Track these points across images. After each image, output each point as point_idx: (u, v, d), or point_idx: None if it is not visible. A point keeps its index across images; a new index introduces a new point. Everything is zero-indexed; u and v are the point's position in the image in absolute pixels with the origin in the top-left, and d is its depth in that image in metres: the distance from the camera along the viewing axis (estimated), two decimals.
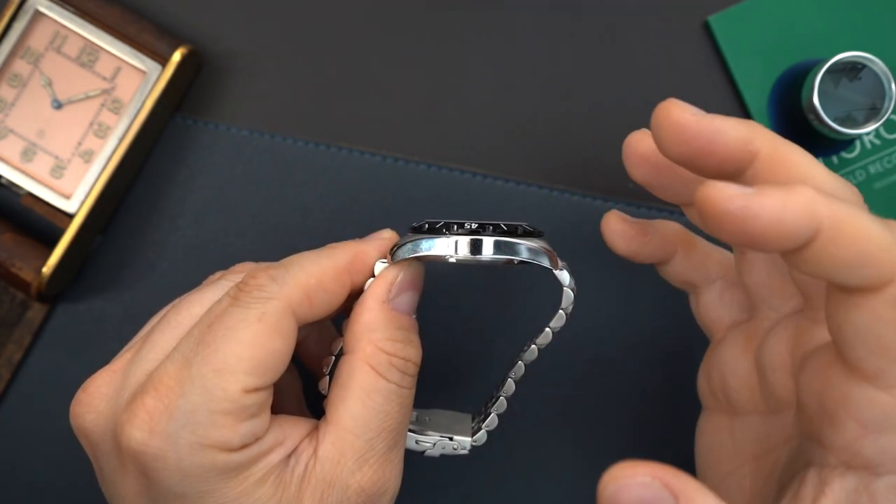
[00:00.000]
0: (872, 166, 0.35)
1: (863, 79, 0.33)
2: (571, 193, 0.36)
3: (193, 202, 0.36)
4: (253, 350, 0.25)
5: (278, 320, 0.26)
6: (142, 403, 0.25)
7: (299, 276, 0.27)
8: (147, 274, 0.36)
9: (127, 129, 0.34)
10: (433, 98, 0.36)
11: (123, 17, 0.35)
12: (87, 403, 0.28)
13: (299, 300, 0.27)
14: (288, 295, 0.26)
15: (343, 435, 0.27)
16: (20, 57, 0.35)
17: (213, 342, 0.25)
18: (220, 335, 0.25)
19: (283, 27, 0.36)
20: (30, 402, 0.36)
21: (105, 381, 0.28)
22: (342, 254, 0.28)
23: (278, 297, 0.26)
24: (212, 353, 0.25)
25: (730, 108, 0.36)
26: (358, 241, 0.29)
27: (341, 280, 0.28)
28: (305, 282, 0.27)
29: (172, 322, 0.28)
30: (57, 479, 0.36)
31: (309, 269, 0.27)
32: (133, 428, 0.25)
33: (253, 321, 0.26)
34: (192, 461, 0.25)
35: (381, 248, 0.29)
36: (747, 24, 0.35)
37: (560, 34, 0.36)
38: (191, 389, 0.25)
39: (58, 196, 0.35)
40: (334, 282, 0.28)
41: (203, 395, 0.25)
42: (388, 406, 0.27)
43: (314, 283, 0.27)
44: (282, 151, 0.36)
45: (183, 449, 0.25)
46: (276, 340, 0.26)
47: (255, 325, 0.26)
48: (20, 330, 0.36)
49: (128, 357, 0.28)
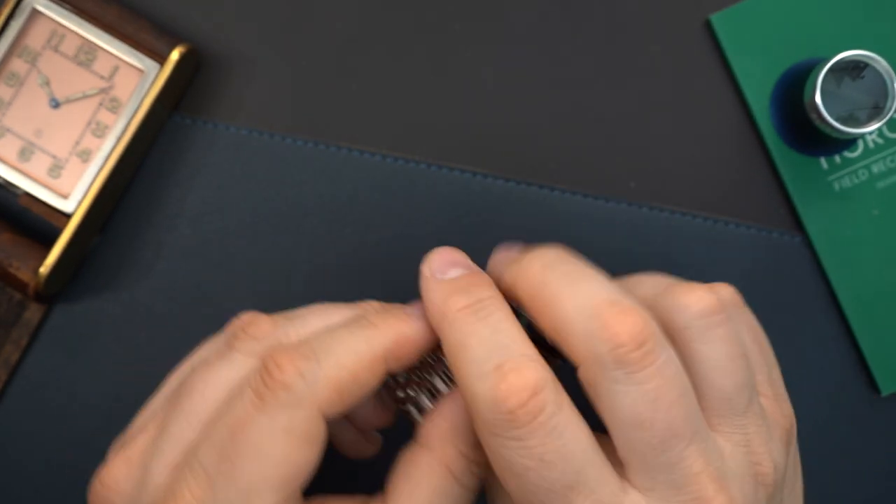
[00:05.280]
0: (875, 166, 0.35)
1: (865, 78, 0.33)
2: (572, 193, 0.36)
3: (192, 202, 0.36)
4: (281, 468, 0.23)
5: (308, 429, 0.24)
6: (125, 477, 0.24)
7: (332, 371, 0.24)
8: (145, 274, 0.36)
9: (125, 128, 0.34)
10: (433, 98, 0.36)
11: (121, 15, 0.35)
12: (109, 492, 0.26)
13: (330, 401, 0.24)
14: (319, 398, 0.24)
15: None
16: (17, 56, 0.35)
17: (236, 457, 0.23)
18: (244, 451, 0.23)
19: (283, 26, 0.36)
20: (27, 403, 0.36)
21: (123, 474, 0.26)
22: (381, 338, 0.25)
23: (308, 402, 0.24)
24: (237, 472, 0.23)
25: (731, 107, 0.36)
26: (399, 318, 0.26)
27: (376, 370, 0.25)
28: (338, 377, 0.24)
29: (187, 408, 0.25)
30: (55, 481, 0.36)
31: (343, 359, 0.24)
32: None
33: (280, 434, 0.23)
34: None
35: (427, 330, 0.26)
36: (749, 22, 0.35)
37: (561, 33, 0.36)
38: None
39: (55, 196, 0.34)
40: (369, 372, 0.25)
41: None
42: None
43: (347, 377, 0.24)
44: (281, 151, 0.36)
45: None
46: (305, 451, 0.24)
47: (282, 438, 0.23)
48: (17, 330, 0.36)
49: (143, 444, 0.26)
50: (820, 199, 0.35)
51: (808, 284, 0.35)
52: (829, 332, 0.35)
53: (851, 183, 0.35)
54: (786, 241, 0.35)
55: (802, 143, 0.35)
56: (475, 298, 0.24)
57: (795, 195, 0.35)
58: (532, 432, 0.22)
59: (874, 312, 0.35)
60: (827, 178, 0.35)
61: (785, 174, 0.35)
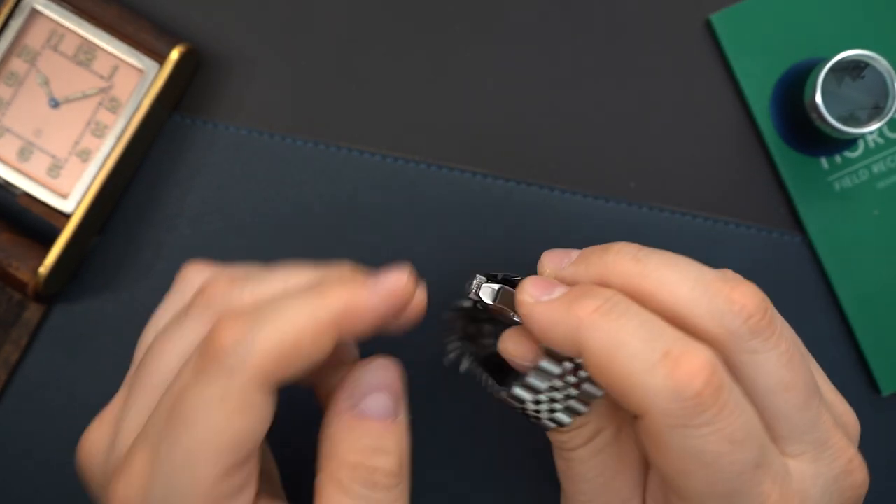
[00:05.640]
0: (876, 165, 0.35)
1: (866, 77, 0.33)
2: (572, 193, 0.36)
3: (192, 202, 0.36)
4: (218, 437, 0.23)
5: (244, 398, 0.23)
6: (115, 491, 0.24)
7: (272, 336, 0.23)
8: (145, 274, 0.36)
9: (124, 128, 0.34)
10: (433, 97, 0.36)
11: (121, 15, 0.35)
12: (87, 454, 0.26)
13: (272, 368, 0.23)
14: (256, 365, 0.23)
15: None
16: (17, 55, 0.35)
17: (176, 427, 0.23)
18: (183, 420, 0.23)
19: (283, 25, 0.36)
20: (27, 403, 0.36)
21: (98, 434, 0.26)
22: (330, 302, 0.24)
23: (242, 372, 0.23)
24: (177, 441, 0.23)
25: (731, 107, 0.36)
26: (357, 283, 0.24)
27: (322, 338, 0.24)
28: (277, 346, 0.23)
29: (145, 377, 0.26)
30: (54, 481, 0.36)
31: (284, 326, 0.23)
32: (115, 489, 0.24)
33: (215, 403, 0.23)
34: None
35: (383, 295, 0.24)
36: (749, 22, 0.35)
37: (561, 33, 0.36)
38: (161, 481, 0.23)
39: (55, 196, 0.34)
40: (313, 341, 0.24)
41: (172, 488, 0.23)
42: None
43: (288, 346, 0.23)
44: (281, 150, 0.36)
45: None
46: (243, 421, 0.23)
47: (217, 407, 0.23)
48: (17, 330, 0.36)
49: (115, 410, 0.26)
50: (820, 199, 0.35)
51: (808, 284, 0.35)
52: (829, 332, 0.35)
53: (852, 183, 0.35)
54: (786, 241, 0.35)
55: (803, 143, 0.35)
56: (602, 298, 0.23)
57: (796, 195, 0.35)
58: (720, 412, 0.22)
59: (874, 312, 0.35)
60: (827, 178, 0.35)
61: (785, 174, 0.35)
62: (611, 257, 0.25)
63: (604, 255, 0.25)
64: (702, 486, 0.22)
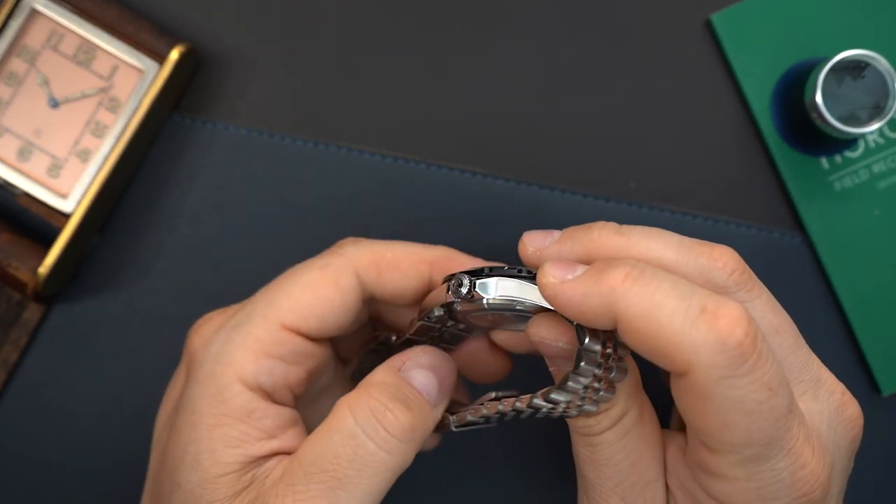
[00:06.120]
0: (876, 165, 0.35)
1: (866, 77, 0.33)
2: (572, 193, 0.36)
3: (191, 202, 0.36)
4: (303, 291, 0.27)
5: (338, 273, 0.28)
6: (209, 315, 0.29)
7: (379, 247, 0.28)
8: (145, 274, 0.36)
9: (124, 128, 0.34)
10: (433, 97, 0.36)
11: (121, 15, 0.34)
12: (197, 329, 0.29)
13: (367, 264, 0.28)
14: (358, 256, 0.28)
15: (293, 459, 0.26)
16: (16, 55, 0.35)
17: (278, 281, 0.28)
18: (286, 276, 0.28)
19: (282, 25, 0.36)
20: (27, 403, 0.36)
21: (219, 313, 0.30)
22: (433, 249, 0.29)
23: (347, 257, 0.28)
24: (272, 289, 0.28)
25: (731, 107, 0.36)
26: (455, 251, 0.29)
27: (418, 268, 0.28)
28: (381, 253, 0.28)
29: None
30: (54, 481, 0.36)
31: (393, 247, 0.29)
32: (194, 333, 0.29)
33: (315, 269, 0.28)
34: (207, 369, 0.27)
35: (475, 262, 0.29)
36: (750, 22, 0.35)
37: (561, 33, 0.36)
38: (242, 311, 0.28)
39: (54, 196, 0.34)
40: (410, 265, 0.28)
41: (247, 316, 0.27)
42: (341, 448, 0.25)
43: (390, 256, 0.28)
44: (281, 150, 0.36)
45: (209, 356, 0.27)
46: (330, 288, 0.27)
47: (316, 271, 0.28)
48: (16, 330, 0.36)
49: None
50: (820, 199, 0.35)
51: (808, 284, 0.35)
52: (829, 332, 0.35)
53: (852, 183, 0.35)
54: (786, 241, 0.35)
55: (803, 143, 0.35)
56: (630, 265, 0.23)
57: (796, 195, 0.35)
58: (758, 360, 0.22)
59: (874, 312, 0.35)
60: (827, 177, 0.35)
61: (785, 174, 0.35)
62: (595, 233, 0.26)
63: (588, 232, 0.26)
64: (743, 437, 0.23)
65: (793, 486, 0.24)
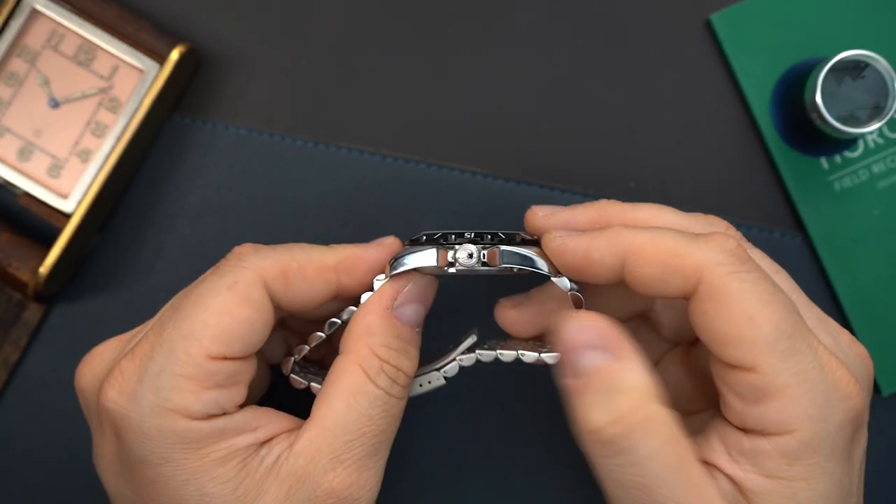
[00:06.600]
0: (876, 165, 0.35)
1: (866, 77, 0.33)
2: (572, 193, 0.36)
3: (191, 202, 0.36)
4: (219, 317, 0.26)
5: (249, 290, 0.27)
6: (118, 366, 0.26)
7: (282, 255, 0.28)
8: (145, 274, 0.36)
9: (124, 128, 0.34)
10: (433, 98, 0.36)
11: (121, 15, 0.35)
12: (88, 364, 0.29)
13: (274, 276, 0.27)
14: (263, 268, 0.27)
15: (322, 433, 0.26)
16: (17, 55, 0.35)
17: (184, 308, 0.26)
18: (192, 302, 0.26)
19: (282, 25, 0.36)
20: (26, 403, 0.36)
21: (109, 346, 0.29)
22: (335, 252, 0.28)
23: (254, 269, 0.27)
24: (181, 319, 0.26)
25: (731, 107, 0.36)
26: (358, 245, 0.29)
27: (325, 275, 0.28)
28: (287, 262, 0.28)
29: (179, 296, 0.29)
30: (54, 481, 0.36)
31: (296, 253, 0.28)
32: (108, 387, 0.26)
33: (223, 289, 0.26)
34: (152, 423, 0.26)
35: (380, 254, 0.29)
36: (750, 22, 0.35)
37: (561, 33, 0.36)
38: (159, 352, 0.26)
39: (55, 196, 0.34)
40: (316, 273, 0.28)
41: (168, 357, 0.26)
42: (371, 410, 0.27)
43: (295, 266, 0.28)
44: (281, 150, 0.36)
45: (145, 410, 0.26)
46: (245, 309, 0.26)
47: (225, 293, 0.26)
48: (17, 330, 0.36)
49: (138, 329, 0.29)
50: (820, 199, 0.35)
51: (808, 284, 0.35)
52: None
53: (852, 183, 0.35)
54: (786, 241, 0.35)
55: (803, 143, 0.35)
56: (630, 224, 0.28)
57: (796, 195, 0.35)
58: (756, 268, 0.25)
59: (874, 312, 0.35)
60: (827, 177, 0.35)
61: (785, 174, 0.35)
62: (602, 204, 0.28)
63: (594, 204, 0.28)
64: (769, 327, 0.24)
65: (835, 386, 0.25)
